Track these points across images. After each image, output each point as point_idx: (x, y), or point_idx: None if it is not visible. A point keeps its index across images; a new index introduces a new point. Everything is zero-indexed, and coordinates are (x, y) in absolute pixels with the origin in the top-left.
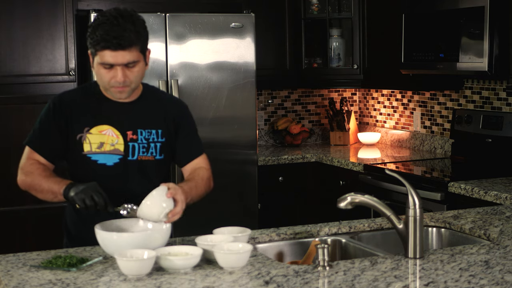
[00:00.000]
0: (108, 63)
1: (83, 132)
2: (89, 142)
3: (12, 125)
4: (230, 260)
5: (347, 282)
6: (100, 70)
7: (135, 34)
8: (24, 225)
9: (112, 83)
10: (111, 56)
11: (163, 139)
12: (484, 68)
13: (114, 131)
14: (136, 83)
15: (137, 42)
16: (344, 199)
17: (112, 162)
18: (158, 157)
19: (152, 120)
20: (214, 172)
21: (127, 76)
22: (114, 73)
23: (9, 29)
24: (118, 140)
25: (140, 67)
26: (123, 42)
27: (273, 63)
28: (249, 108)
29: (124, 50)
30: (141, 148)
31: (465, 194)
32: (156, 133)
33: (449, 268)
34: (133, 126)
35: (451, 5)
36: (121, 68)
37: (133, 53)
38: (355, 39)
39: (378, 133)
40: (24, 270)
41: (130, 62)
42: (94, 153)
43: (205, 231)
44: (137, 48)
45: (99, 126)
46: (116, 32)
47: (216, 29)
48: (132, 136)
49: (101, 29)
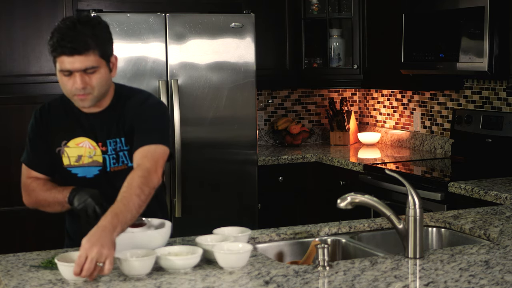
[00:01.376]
0: (66, 69)
1: (61, 146)
2: (67, 156)
3: (12, 125)
4: (230, 260)
5: (347, 282)
6: (61, 78)
7: (92, 38)
8: (24, 225)
9: (73, 90)
10: (68, 62)
11: (128, 147)
12: (484, 68)
13: (91, 142)
14: (99, 90)
15: (94, 46)
16: (344, 199)
17: (92, 174)
18: (131, 164)
19: (115, 129)
20: (214, 172)
21: (87, 82)
22: (73, 80)
23: (9, 29)
24: (96, 151)
25: (102, 73)
26: (77, 46)
27: (273, 63)
28: (249, 108)
29: (81, 55)
30: (111, 159)
31: (465, 194)
32: (120, 141)
33: (449, 268)
34: (102, 137)
35: (451, 5)
36: (79, 74)
37: (91, 58)
38: (355, 39)
39: (378, 133)
40: (24, 270)
41: (89, 68)
42: (73, 167)
43: (205, 231)
44: (95, 53)
45: (76, 139)
46: (71, 37)
47: (216, 29)
48: (102, 148)
49: (57, 34)
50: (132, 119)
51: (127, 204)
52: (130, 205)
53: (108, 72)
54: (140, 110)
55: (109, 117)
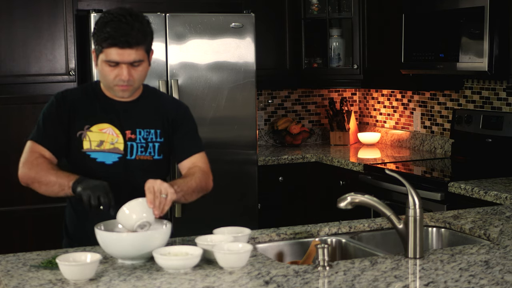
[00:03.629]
0: (114, 60)
1: (83, 130)
2: (89, 140)
3: (12, 125)
4: (230, 260)
5: (347, 282)
6: (104, 68)
7: (142, 33)
8: (24, 225)
9: (117, 81)
10: (118, 54)
11: (162, 139)
12: (484, 68)
13: (115, 130)
14: (139, 82)
15: (143, 41)
16: (344, 199)
17: (111, 160)
18: (157, 157)
19: (151, 120)
20: (214, 172)
21: (132, 75)
22: (119, 71)
23: (9, 29)
24: (118, 139)
25: (144, 66)
26: (131, 40)
27: (273, 63)
28: (249, 108)
29: (131, 49)
30: (139, 147)
31: (465, 194)
32: (154, 133)
33: (449, 268)
34: (132, 125)
35: (451, 5)
36: (126, 66)
37: (139, 52)
38: (355, 39)
39: (378, 133)
40: (24, 270)
41: (136, 61)
42: (93, 151)
43: (205, 231)
44: (143, 47)
45: (100, 125)
46: (125, 30)
47: (216, 29)
48: (130, 135)
49: (109, 26)
50: (177, 117)
51: (186, 181)
52: (188, 182)
53: (148, 65)
54: (184, 114)
55: (144, 106)
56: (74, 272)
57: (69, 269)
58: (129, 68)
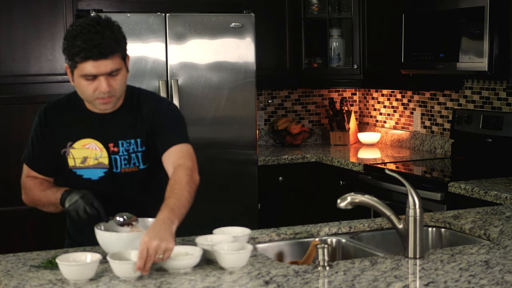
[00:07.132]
0: (91, 74)
1: (67, 147)
2: (73, 157)
3: (12, 125)
4: (230, 260)
5: (347, 282)
6: (82, 82)
7: (114, 40)
8: (24, 225)
9: (97, 94)
10: (94, 67)
11: (143, 148)
12: (484, 68)
13: (98, 144)
14: (121, 91)
15: (117, 49)
16: (344, 199)
17: (97, 176)
18: (142, 166)
19: (131, 130)
20: (214, 172)
21: (111, 85)
22: (97, 84)
23: (9, 29)
24: (102, 153)
25: (123, 74)
26: (104, 50)
27: (273, 63)
28: (249, 108)
29: (107, 59)
30: (122, 160)
31: (465, 194)
32: (135, 142)
33: (449, 268)
34: (113, 138)
35: (451, 5)
36: (104, 78)
37: (116, 61)
38: (355, 39)
39: (378, 133)
40: (24, 270)
41: (114, 71)
42: (78, 168)
43: (205, 231)
44: (118, 55)
45: (82, 140)
46: (96, 40)
47: (216, 29)
48: (113, 148)
49: (79, 39)
50: (153, 120)
51: (180, 199)
52: (183, 200)
53: (126, 72)
54: (161, 110)
55: (124, 117)
56: (74, 272)
57: (69, 269)
58: (108, 79)
